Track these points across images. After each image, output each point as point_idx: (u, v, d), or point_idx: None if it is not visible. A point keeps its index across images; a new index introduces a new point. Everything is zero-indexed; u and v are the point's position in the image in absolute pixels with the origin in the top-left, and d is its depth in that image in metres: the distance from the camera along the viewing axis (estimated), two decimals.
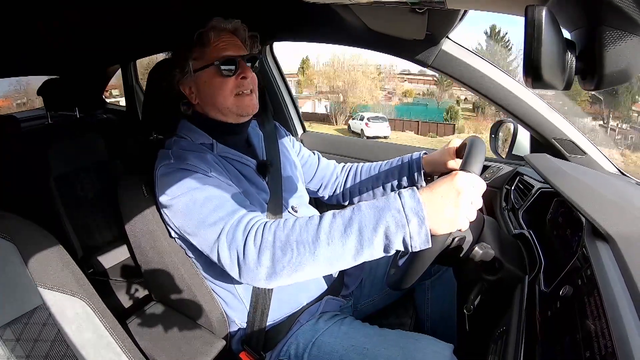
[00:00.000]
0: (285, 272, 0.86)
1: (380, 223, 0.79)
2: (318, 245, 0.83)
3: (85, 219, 2.10)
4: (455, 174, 0.81)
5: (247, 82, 1.18)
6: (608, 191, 0.98)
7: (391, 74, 30.24)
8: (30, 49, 1.87)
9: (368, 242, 0.80)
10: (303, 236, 0.85)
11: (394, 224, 0.78)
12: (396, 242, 0.79)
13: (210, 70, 1.15)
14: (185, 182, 1.03)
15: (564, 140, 1.36)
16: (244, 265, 0.90)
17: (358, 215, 0.82)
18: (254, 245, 0.89)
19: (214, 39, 1.16)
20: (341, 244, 0.82)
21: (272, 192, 1.23)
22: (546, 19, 0.46)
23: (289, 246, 0.85)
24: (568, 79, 0.51)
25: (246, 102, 1.19)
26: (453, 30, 1.31)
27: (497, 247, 0.97)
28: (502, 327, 0.92)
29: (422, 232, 0.77)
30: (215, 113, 1.20)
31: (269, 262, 0.87)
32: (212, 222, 0.97)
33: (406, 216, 0.78)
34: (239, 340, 1.25)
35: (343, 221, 0.83)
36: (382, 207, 0.81)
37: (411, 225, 0.77)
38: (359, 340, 1.13)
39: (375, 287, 1.45)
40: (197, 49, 1.17)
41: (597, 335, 0.60)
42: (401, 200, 0.79)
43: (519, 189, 1.46)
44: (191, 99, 1.22)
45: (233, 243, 0.92)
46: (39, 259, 0.93)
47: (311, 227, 0.85)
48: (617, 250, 0.74)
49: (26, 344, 0.88)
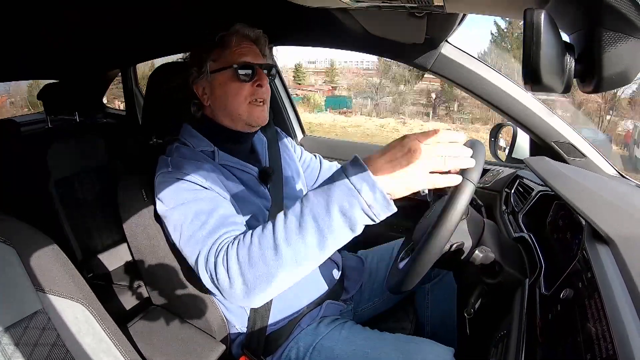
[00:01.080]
0: (259, 286, 0.85)
1: (332, 203, 0.76)
2: (279, 249, 0.81)
3: (85, 223, 2.10)
4: (406, 135, 0.78)
5: (262, 91, 1.18)
6: (608, 194, 0.99)
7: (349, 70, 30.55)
8: (30, 53, 1.88)
9: (327, 228, 0.78)
10: (263, 245, 0.83)
11: (345, 199, 0.75)
12: (357, 217, 0.76)
13: (227, 73, 1.15)
14: (179, 194, 1.03)
15: (563, 143, 1.37)
16: (219, 286, 0.89)
17: (307, 204, 0.80)
18: (222, 267, 0.88)
19: (236, 43, 1.16)
20: (301, 239, 0.80)
21: (274, 199, 1.23)
22: (545, 22, 0.46)
23: (253, 259, 0.84)
24: (567, 81, 0.51)
25: (258, 113, 1.19)
26: (452, 34, 1.31)
27: (497, 251, 0.97)
28: (503, 331, 0.92)
29: (378, 196, 0.74)
30: (224, 118, 1.20)
31: (240, 280, 0.86)
32: (195, 242, 0.96)
33: (354, 186, 0.75)
34: (239, 345, 1.25)
35: (295, 216, 0.81)
36: (328, 187, 0.78)
37: (363, 193, 0.74)
38: (360, 345, 1.12)
39: (375, 291, 1.45)
40: (217, 51, 1.16)
41: (598, 338, 0.60)
42: (345, 173, 0.77)
43: (518, 192, 1.46)
44: (203, 100, 1.21)
45: (207, 265, 0.92)
46: (38, 262, 0.93)
47: (267, 233, 0.84)
48: (618, 253, 0.74)
49: (25, 348, 0.87)
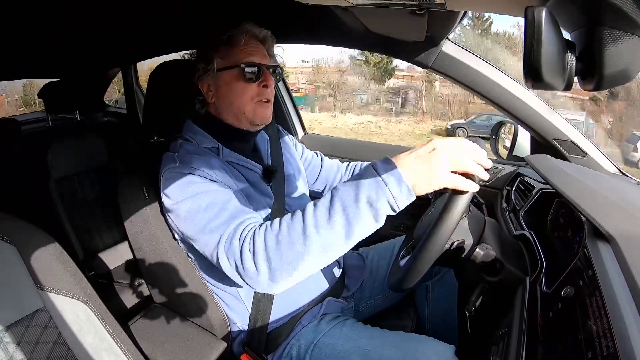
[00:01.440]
0: (285, 272, 0.87)
1: (361, 194, 0.81)
2: (308, 236, 0.84)
3: (86, 221, 2.10)
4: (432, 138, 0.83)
5: (268, 92, 1.18)
6: (609, 191, 0.99)
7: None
8: (31, 52, 1.88)
9: (355, 217, 0.82)
10: (291, 232, 0.86)
11: (373, 191, 0.80)
12: (382, 207, 0.81)
13: (233, 72, 1.15)
14: (189, 186, 1.03)
15: (564, 140, 1.36)
16: (243, 272, 0.91)
17: (337, 195, 0.84)
18: (249, 253, 0.90)
19: (244, 43, 1.16)
20: (330, 227, 0.83)
21: (276, 197, 1.23)
22: (546, 20, 0.46)
23: (281, 245, 0.86)
24: (568, 79, 0.51)
25: (263, 112, 1.19)
26: (453, 31, 1.31)
27: (498, 248, 0.97)
28: (504, 329, 0.92)
29: (403, 189, 0.79)
30: (228, 116, 1.20)
31: (266, 266, 0.88)
32: (212, 229, 0.97)
33: (383, 180, 0.80)
34: (241, 342, 1.25)
35: (325, 205, 0.85)
36: (358, 180, 0.83)
37: (390, 186, 0.79)
38: (361, 342, 1.12)
39: (376, 288, 1.45)
40: (223, 48, 1.16)
41: (599, 336, 0.60)
42: (374, 168, 0.82)
43: (519, 189, 1.46)
44: (208, 97, 1.21)
45: (230, 252, 0.93)
46: (39, 261, 0.93)
47: (297, 221, 0.87)
48: (619, 251, 0.74)
49: (27, 346, 0.87)
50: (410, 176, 0.80)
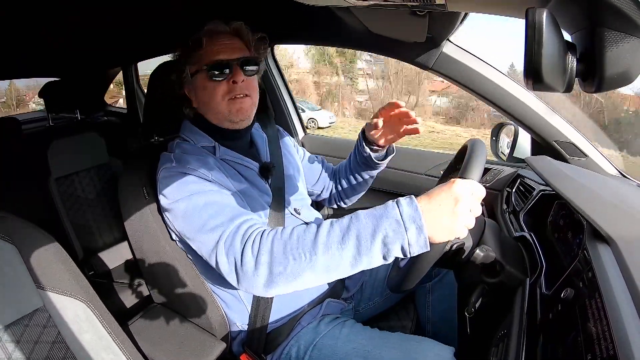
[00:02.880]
0: (283, 280, 0.86)
1: (379, 231, 0.79)
2: (315, 253, 0.83)
3: (86, 221, 2.10)
4: (453, 181, 0.80)
5: (238, 87, 1.15)
6: (609, 193, 0.99)
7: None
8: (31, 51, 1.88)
9: (366, 250, 0.80)
10: (300, 244, 0.85)
11: (392, 232, 0.78)
12: (394, 249, 0.79)
13: (202, 75, 1.15)
14: (186, 186, 1.03)
15: (564, 142, 1.36)
16: (241, 272, 0.90)
17: (356, 223, 0.82)
18: (251, 253, 0.89)
19: (208, 43, 1.15)
20: (339, 252, 0.82)
21: (275, 195, 1.23)
22: (547, 21, 0.46)
23: (287, 254, 0.85)
24: (569, 81, 0.51)
25: (237, 106, 1.16)
26: (454, 32, 1.31)
27: (498, 250, 0.97)
28: (503, 330, 0.92)
29: (421, 239, 0.78)
30: (211, 117, 1.20)
31: (267, 270, 0.87)
32: (211, 228, 0.96)
33: (404, 224, 0.78)
34: (240, 342, 1.25)
35: (341, 229, 0.83)
36: (380, 215, 0.81)
37: (409, 233, 0.77)
38: (360, 343, 1.12)
39: (376, 289, 1.45)
40: (193, 53, 1.16)
41: (598, 338, 0.60)
42: (399, 209, 0.79)
43: (519, 191, 1.46)
44: (192, 102, 1.22)
45: (231, 250, 0.92)
46: (39, 260, 0.93)
47: (309, 235, 0.85)
48: (618, 253, 0.74)
49: (26, 345, 0.87)
50: (430, 227, 0.78)
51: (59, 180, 2.06)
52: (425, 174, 1.87)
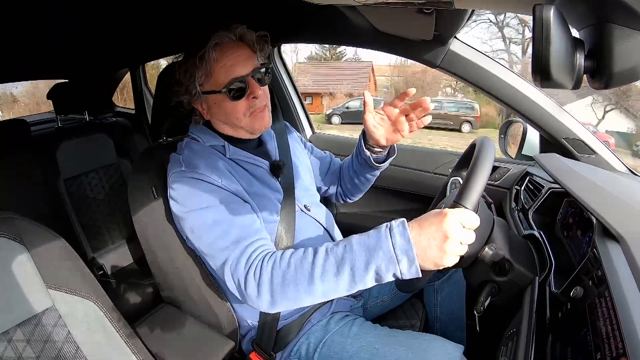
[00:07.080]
0: (285, 304, 0.94)
1: (372, 263, 0.84)
2: (313, 282, 0.88)
3: (95, 221, 2.12)
4: (445, 214, 0.81)
5: (258, 101, 1.14)
6: (619, 191, 0.98)
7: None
8: (39, 53, 1.90)
9: (360, 279, 0.85)
10: (298, 274, 0.90)
11: (384, 264, 0.83)
12: (387, 277, 0.84)
13: (217, 96, 1.12)
14: (196, 197, 1.04)
15: (573, 139, 1.35)
16: (246, 294, 0.96)
17: (350, 255, 0.86)
18: (254, 280, 0.94)
19: (219, 58, 1.09)
20: (334, 281, 0.87)
21: (285, 192, 1.23)
22: (554, 18, 0.46)
23: (286, 283, 0.91)
24: (577, 77, 0.51)
25: (259, 121, 1.16)
26: (461, 30, 1.30)
27: (507, 248, 0.97)
28: (513, 329, 0.91)
29: (412, 269, 0.81)
30: (226, 128, 1.19)
31: (269, 296, 0.93)
32: (218, 249, 1.00)
33: (396, 257, 0.82)
34: (250, 341, 1.25)
35: (336, 260, 0.87)
36: (373, 246, 0.84)
37: (401, 265, 0.81)
38: (369, 341, 1.12)
39: (384, 288, 1.45)
40: (202, 70, 1.09)
41: (608, 337, 0.59)
42: (392, 240, 0.83)
43: (528, 189, 1.45)
44: (203, 115, 1.19)
45: (236, 274, 0.97)
46: (49, 260, 0.94)
47: (306, 265, 0.90)
48: (628, 251, 0.73)
49: (36, 345, 0.89)
50: (421, 257, 0.81)
51: (68, 181, 2.07)
52: (434, 172, 1.87)
